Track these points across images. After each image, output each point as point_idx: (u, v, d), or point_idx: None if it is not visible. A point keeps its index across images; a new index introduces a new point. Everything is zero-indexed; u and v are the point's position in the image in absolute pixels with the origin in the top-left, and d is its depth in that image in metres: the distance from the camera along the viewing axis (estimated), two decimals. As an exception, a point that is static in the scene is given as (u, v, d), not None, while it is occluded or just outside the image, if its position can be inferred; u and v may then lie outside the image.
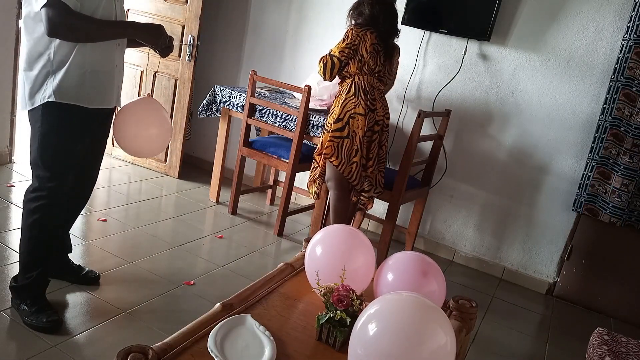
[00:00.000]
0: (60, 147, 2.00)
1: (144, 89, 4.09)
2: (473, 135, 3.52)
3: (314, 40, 3.91)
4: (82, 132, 2.05)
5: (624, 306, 3.26)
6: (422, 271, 1.57)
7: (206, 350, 1.29)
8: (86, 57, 1.93)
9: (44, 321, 2.06)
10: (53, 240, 2.15)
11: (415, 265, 1.59)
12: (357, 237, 1.68)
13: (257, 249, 3.24)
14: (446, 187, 3.64)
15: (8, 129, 3.60)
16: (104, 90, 2.05)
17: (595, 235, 3.29)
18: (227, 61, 4.29)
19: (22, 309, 2.09)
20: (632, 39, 2.93)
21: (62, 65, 1.90)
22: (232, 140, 4.01)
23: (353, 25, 2.88)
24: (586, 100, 3.21)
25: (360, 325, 1.20)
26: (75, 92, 1.94)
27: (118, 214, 3.28)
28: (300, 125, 3.23)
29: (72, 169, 2.08)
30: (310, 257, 1.66)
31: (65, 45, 1.89)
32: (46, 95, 1.91)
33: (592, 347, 1.98)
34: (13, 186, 3.34)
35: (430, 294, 1.54)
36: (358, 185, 2.95)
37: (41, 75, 1.91)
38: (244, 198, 3.91)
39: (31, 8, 1.86)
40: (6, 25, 3.36)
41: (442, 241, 3.74)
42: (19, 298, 2.12)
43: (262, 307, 1.55)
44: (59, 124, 1.96)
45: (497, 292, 3.36)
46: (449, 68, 3.51)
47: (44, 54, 1.90)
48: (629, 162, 3.02)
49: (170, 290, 2.55)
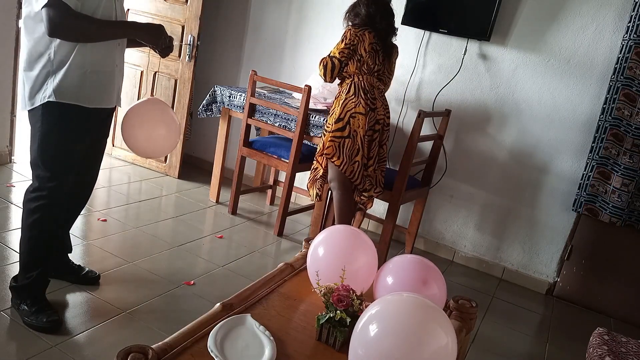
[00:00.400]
0: (60, 147, 2.00)
1: (144, 89, 4.09)
2: (473, 135, 3.52)
3: (314, 40, 3.91)
4: (82, 132, 2.05)
5: (624, 306, 3.26)
6: (422, 280, 1.56)
7: (206, 350, 1.29)
8: (86, 57, 1.93)
9: (44, 321, 2.06)
10: (53, 240, 2.15)
11: (415, 271, 1.58)
12: (359, 238, 1.68)
13: (257, 249, 3.24)
14: (446, 187, 3.64)
15: (8, 129, 3.60)
16: (104, 90, 2.04)
17: (595, 235, 3.29)
18: (227, 61, 4.30)
19: (22, 309, 2.09)
20: (632, 39, 2.93)
21: (63, 65, 1.90)
22: (232, 140, 4.01)
23: (351, 26, 2.89)
24: (586, 100, 3.21)
25: (361, 326, 1.20)
26: (75, 92, 1.94)
27: (118, 214, 3.28)
28: (300, 125, 3.23)
29: (72, 169, 2.08)
30: (313, 257, 1.66)
31: (65, 45, 1.89)
32: (46, 95, 1.91)
33: (592, 347, 1.98)
34: (13, 186, 3.34)
35: (430, 297, 1.54)
36: (360, 184, 2.96)
37: (41, 75, 1.91)
38: (244, 198, 3.91)
39: (31, 8, 1.86)
40: (6, 25, 3.36)
41: (442, 241, 3.74)
42: (19, 298, 2.12)
43: (262, 307, 1.55)
44: (59, 123, 1.96)
45: (497, 292, 3.36)
46: (449, 68, 3.51)
47: (44, 54, 1.89)
48: (629, 162, 3.02)
49: (170, 290, 2.55)
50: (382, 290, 1.59)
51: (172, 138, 2.23)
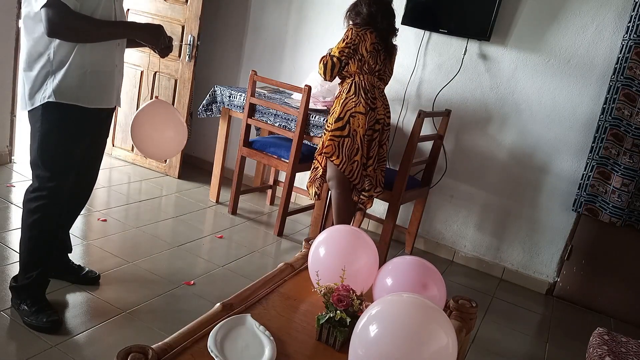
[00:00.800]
0: (60, 147, 2.00)
1: (144, 89, 4.09)
2: (473, 135, 3.52)
3: (314, 40, 3.91)
4: (82, 132, 2.05)
5: (624, 306, 3.26)
6: (422, 284, 1.55)
7: (206, 350, 1.29)
8: (86, 57, 1.93)
9: (44, 321, 2.06)
10: (53, 240, 2.15)
11: (414, 274, 1.57)
12: (360, 238, 1.68)
13: (257, 249, 3.24)
14: (446, 187, 3.64)
15: (8, 129, 3.60)
16: (104, 90, 2.04)
17: (595, 235, 3.29)
18: (227, 61, 4.29)
19: (22, 309, 2.09)
20: (632, 39, 2.93)
21: (62, 66, 1.90)
22: (232, 140, 4.01)
23: (352, 25, 2.89)
24: (586, 100, 3.21)
25: (361, 326, 1.20)
26: (75, 92, 1.94)
27: (118, 214, 3.28)
28: (300, 125, 3.23)
29: (72, 169, 2.08)
30: (314, 257, 1.65)
31: (65, 46, 1.88)
32: (46, 96, 1.91)
33: (592, 347, 1.98)
34: (13, 186, 3.34)
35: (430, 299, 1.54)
36: (359, 184, 2.96)
37: (41, 75, 1.91)
38: (244, 198, 3.91)
39: (31, 8, 1.86)
40: (6, 25, 3.36)
41: (442, 241, 3.74)
42: (19, 298, 2.12)
43: (262, 307, 1.55)
44: (59, 124, 1.96)
45: (497, 292, 3.36)
46: (449, 68, 3.51)
47: (43, 54, 1.89)
48: (629, 162, 3.02)
49: (170, 290, 2.55)
50: (381, 292, 1.59)
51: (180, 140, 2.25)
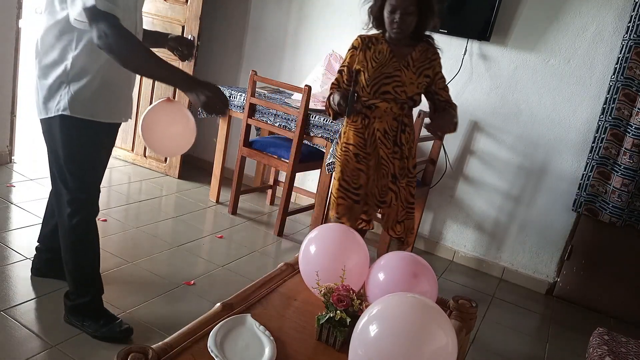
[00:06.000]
0: (86, 156, 1.95)
1: (144, 88, 4.09)
2: (473, 135, 3.52)
3: (314, 40, 3.91)
4: (102, 142, 2.02)
5: (624, 306, 3.26)
6: (412, 273, 1.58)
7: (206, 350, 1.29)
8: (103, 71, 1.85)
9: (117, 331, 2.08)
10: (98, 251, 2.14)
11: (405, 266, 1.60)
12: (350, 236, 1.69)
13: (257, 249, 3.24)
14: (446, 187, 3.64)
15: (8, 129, 3.60)
16: (119, 105, 1.98)
17: (595, 235, 3.29)
18: (227, 61, 4.29)
19: (88, 325, 2.08)
20: (632, 39, 2.93)
21: (78, 78, 1.82)
22: (232, 140, 4.01)
23: None
24: (586, 100, 3.21)
25: (361, 326, 1.20)
26: (90, 106, 1.86)
27: (118, 214, 3.28)
28: (300, 125, 3.23)
29: (101, 175, 2.06)
30: (304, 255, 1.66)
31: (83, 57, 1.80)
32: (60, 107, 1.83)
33: (592, 347, 1.98)
34: (13, 186, 3.34)
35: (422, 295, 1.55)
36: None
37: (55, 84, 1.83)
38: (244, 198, 3.91)
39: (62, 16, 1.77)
40: (6, 25, 3.36)
41: (442, 241, 3.74)
42: (79, 316, 2.10)
43: (262, 307, 1.55)
44: (78, 134, 1.90)
45: (497, 292, 3.36)
46: (449, 68, 3.51)
47: (60, 63, 1.81)
48: (629, 162, 3.02)
49: (170, 290, 2.56)
50: (374, 286, 1.61)
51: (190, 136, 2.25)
